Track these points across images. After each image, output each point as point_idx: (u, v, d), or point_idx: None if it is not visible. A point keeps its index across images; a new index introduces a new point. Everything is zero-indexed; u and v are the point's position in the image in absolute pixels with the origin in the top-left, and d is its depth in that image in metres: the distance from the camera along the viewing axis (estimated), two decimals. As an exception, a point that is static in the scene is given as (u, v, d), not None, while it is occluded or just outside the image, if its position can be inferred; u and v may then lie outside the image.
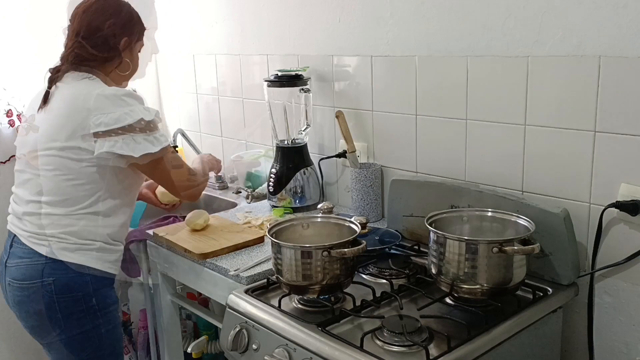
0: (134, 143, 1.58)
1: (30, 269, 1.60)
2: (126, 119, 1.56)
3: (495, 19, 1.56)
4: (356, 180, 1.92)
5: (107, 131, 1.56)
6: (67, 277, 1.60)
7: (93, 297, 1.63)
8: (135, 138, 1.58)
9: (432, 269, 1.38)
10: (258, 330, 1.37)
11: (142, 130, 1.59)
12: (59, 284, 1.59)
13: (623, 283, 1.43)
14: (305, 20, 2.11)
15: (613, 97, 1.37)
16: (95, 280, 1.64)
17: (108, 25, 1.66)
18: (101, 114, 1.56)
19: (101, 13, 1.66)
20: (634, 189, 1.36)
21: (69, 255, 1.61)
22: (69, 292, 1.60)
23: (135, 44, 1.74)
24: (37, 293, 1.59)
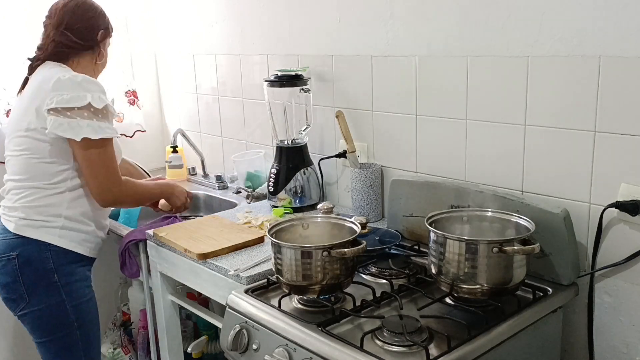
0: (78, 127, 1.65)
1: (1, 244, 1.74)
2: (76, 101, 1.65)
3: (495, 19, 1.56)
4: (356, 180, 1.92)
5: (57, 110, 1.65)
6: (29, 251, 1.71)
7: (55, 273, 1.73)
8: (80, 122, 1.65)
9: (432, 269, 1.38)
10: (258, 330, 1.37)
11: (89, 115, 1.66)
12: (22, 258, 1.71)
13: (623, 283, 1.43)
14: (305, 20, 2.11)
15: (613, 97, 1.37)
16: (56, 257, 1.73)
17: (88, 17, 1.82)
18: (56, 94, 1.65)
19: (81, 8, 1.81)
20: (634, 189, 1.36)
21: (30, 232, 1.72)
22: (30, 265, 1.71)
23: (107, 38, 1.90)
24: (5, 267, 1.72)
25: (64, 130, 1.65)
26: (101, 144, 1.70)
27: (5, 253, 1.73)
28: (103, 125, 1.69)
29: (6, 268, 1.73)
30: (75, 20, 1.80)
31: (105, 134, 1.69)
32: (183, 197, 2.03)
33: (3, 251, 1.73)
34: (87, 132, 1.66)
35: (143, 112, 2.86)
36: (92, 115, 1.67)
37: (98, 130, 1.67)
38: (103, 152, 1.71)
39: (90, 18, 1.83)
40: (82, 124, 1.66)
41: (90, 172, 1.72)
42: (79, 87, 1.68)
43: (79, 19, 1.81)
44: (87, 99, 1.66)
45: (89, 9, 1.84)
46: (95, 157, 1.70)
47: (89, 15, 1.83)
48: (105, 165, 1.72)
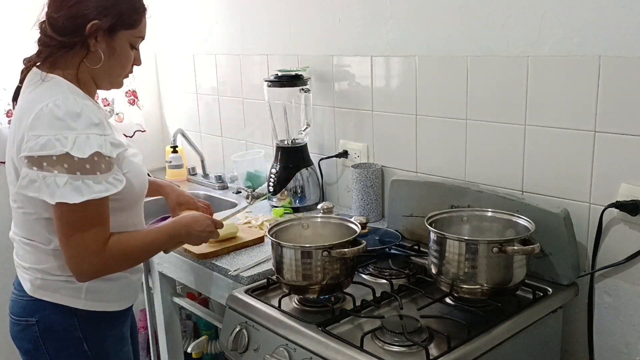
0: (54, 184, 1.21)
1: (18, 305, 1.41)
2: (53, 146, 1.20)
3: (495, 19, 1.56)
4: (356, 180, 1.92)
5: (31, 159, 1.22)
6: (50, 318, 1.37)
7: (84, 342, 1.39)
8: (58, 178, 1.21)
9: (432, 269, 1.38)
10: (258, 330, 1.37)
11: (70, 168, 1.21)
12: (43, 325, 1.37)
13: (623, 283, 1.43)
14: (305, 20, 2.11)
15: (613, 97, 1.37)
16: (84, 323, 1.39)
17: (73, 3, 1.28)
18: (32, 135, 1.22)
19: None
20: (634, 189, 1.36)
21: (49, 295, 1.37)
22: (53, 334, 1.38)
23: (113, 34, 1.33)
24: (24, 332, 1.39)
25: (36, 188, 1.21)
26: (84, 209, 1.23)
27: (23, 317, 1.38)
28: (90, 181, 1.22)
29: (26, 333, 1.39)
30: (56, 6, 1.30)
31: (92, 195, 1.22)
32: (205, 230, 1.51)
33: (20, 314, 1.39)
34: (62, 194, 1.20)
35: (143, 112, 2.86)
36: (74, 167, 1.21)
37: (81, 189, 1.21)
38: (87, 221, 1.25)
39: (76, 4, 1.28)
40: (59, 181, 1.20)
41: (66, 243, 1.26)
42: (58, 124, 1.22)
43: (62, 4, 1.29)
44: (65, 145, 1.20)
45: None
46: (75, 227, 1.24)
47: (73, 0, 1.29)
48: (88, 237, 1.26)
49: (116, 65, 1.38)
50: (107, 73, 1.37)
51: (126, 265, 1.39)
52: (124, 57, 1.38)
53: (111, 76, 1.40)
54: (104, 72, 1.36)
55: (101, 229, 1.28)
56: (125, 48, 1.38)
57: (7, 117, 2.45)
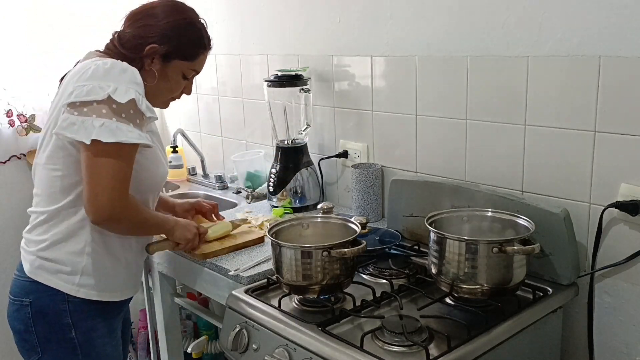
0: (91, 127, 1.30)
1: (16, 285, 1.48)
2: (96, 93, 1.30)
3: (495, 19, 1.56)
4: (356, 180, 1.92)
5: (73, 105, 1.32)
6: (43, 301, 1.43)
7: (72, 329, 1.44)
8: (95, 121, 1.30)
9: (432, 269, 1.38)
10: (258, 330, 1.37)
11: (108, 113, 1.31)
12: (35, 307, 1.43)
13: (623, 283, 1.43)
14: (305, 20, 2.11)
15: (613, 97, 1.37)
16: (75, 309, 1.44)
17: (142, 25, 1.45)
18: (78, 85, 1.33)
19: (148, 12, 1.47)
20: (634, 189, 1.36)
21: (45, 277, 1.43)
22: (44, 317, 1.43)
23: (168, 60, 1.47)
24: (19, 312, 1.45)
25: (74, 130, 1.31)
26: (115, 152, 1.32)
27: (19, 297, 1.45)
28: (123, 127, 1.32)
29: (19, 314, 1.45)
30: (130, 24, 1.47)
31: (124, 138, 1.31)
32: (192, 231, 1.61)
33: (17, 293, 1.46)
34: (98, 133, 1.29)
35: (143, 112, 2.86)
36: (111, 113, 1.31)
37: (115, 132, 1.31)
38: (113, 159, 1.32)
39: (145, 26, 1.44)
40: (96, 123, 1.30)
41: (90, 178, 1.33)
42: (105, 75, 1.33)
43: (134, 23, 1.46)
44: (107, 90, 1.31)
45: (154, 15, 1.45)
46: (102, 162, 1.32)
47: (145, 22, 1.45)
48: (112, 174, 1.33)
49: (164, 88, 1.52)
50: (154, 92, 1.48)
51: (135, 221, 1.44)
52: (174, 83, 1.53)
53: (157, 95, 1.51)
54: (152, 90, 1.46)
55: (126, 175, 1.36)
56: (177, 76, 1.52)
57: (7, 117, 2.45)
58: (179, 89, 1.56)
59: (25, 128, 2.50)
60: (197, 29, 1.53)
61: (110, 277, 1.48)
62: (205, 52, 1.55)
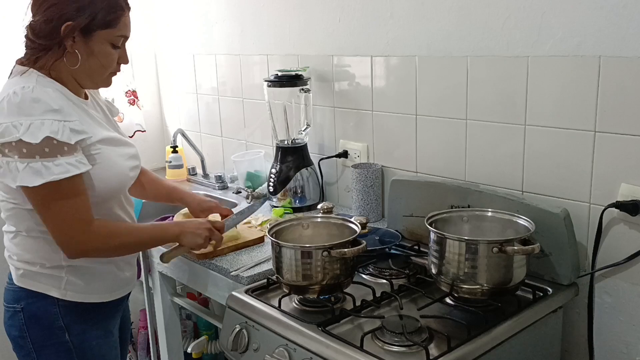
0: (15, 170, 1.26)
1: (8, 293, 1.46)
2: (10, 133, 1.24)
3: (495, 19, 1.56)
4: (356, 180, 1.92)
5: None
6: (34, 306, 1.42)
7: (66, 332, 1.42)
8: (18, 164, 1.25)
9: (432, 269, 1.38)
10: (258, 330, 1.37)
11: (27, 153, 1.25)
12: (27, 313, 1.42)
13: (623, 283, 1.43)
14: (305, 20, 2.11)
15: (613, 97, 1.37)
16: (66, 312, 1.42)
17: (49, 5, 1.32)
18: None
19: None
20: (634, 189, 1.36)
21: (32, 284, 1.41)
22: (37, 322, 1.42)
23: (89, 34, 1.34)
24: (13, 318, 1.44)
25: (2, 174, 1.29)
26: (55, 190, 1.27)
27: (11, 304, 1.44)
28: (50, 164, 1.25)
29: (14, 320, 1.44)
30: (35, 10, 1.35)
31: (52, 177, 1.25)
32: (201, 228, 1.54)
33: (9, 300, 1.45)
34: (23, 178, 1.24)
35: (143, 112, 2.86)
36: (32, 153, 1.24)
37: (41, 172, 1.25)
38: (53, 199, 1.28)
39: (50, 6, 1.31)
40: (19, 166, 1.25)
41: (46, 222, 1.32)
42: (15, 110, 1.25)
43: (40, 8, 1.33)
44: (19, 130, 1.23)
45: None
46: (44, 206, 1.29)
47: (50, 2, 1.32)
48: (67, 215, 1.30)
49: (96, 65, 1.39)
50: (87, 73, 1.39)
51: (113, 243, 1.39)
52: (104, 57, 1.39)
53: (92, 75, 1.41)
54: (83, 72, 1.38)
55: (78, 206, 1.31)
56: (105, 47, 1.38)
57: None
58: (112, 60, 1.41)
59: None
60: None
61: (96, 279, 1.45)
62: (125, 13, 1.40)
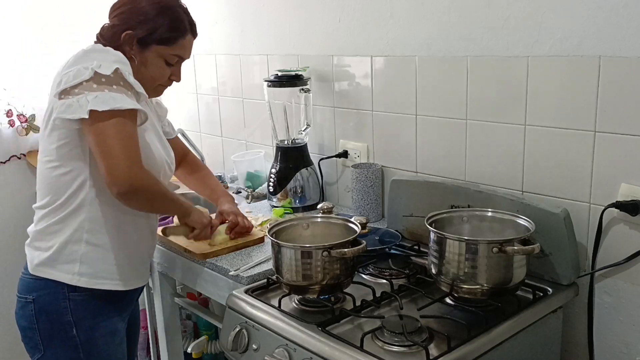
0: (85, 102, 1.31)
1: (22, 283, 1.48)
2: (82, 74, 1.32)
3: (495, 19, 1.56)
4: (356, 180, 1.92)
5: (65, 92, 1.33)
6: (45, 298, 1.43)
7: (74, 327, 1.43)
8: (88, 96, 1.31)
9: (432, 269, 1.38)
10: (258, 330, 1.37)
11: (98, 86, 1.32)
12: (38, 304, 1.43)
13: (623, 283, 1.43)
14: (305, 20, 2.11)
15: (613, 97, 1.37)
16: (76, 308, 1.43)
17: (120, 12, 1.46)
18: (64, 73, 1.35)
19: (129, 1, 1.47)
20: (634, 189, 1.36)
21: (46, 271, 1.43)
22: (47, 315, 1.43)
23: (144, 46, 1.46)
24: (23, 309, 1.46)
25: (72, 111, 1.31)
26: (116, 121, 1.31)
27: (23, 294, 1.46)
28: (117, 96, 1.32)
29: (24, 311, 1.46)
30: (111, 14, 1.48)
31: (117, 104, 1.31)
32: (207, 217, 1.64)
33: (22, 291, 1.47)
34: (93, 104, 1.30)
35: (143, 112, 2.86)
36: (102, 86, 1.32)
37: (109, 101, 1.30)
38: (117, 127, 1.32)
39: (121, 13, 1.45)
40: (89, 98, 1.30)
41: (100, 151, 1.33)
42: (85, 57, 1.37)
43: (113, 12, 1.48)
44: (91, 66, 1.32)
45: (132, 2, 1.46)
46: (107, 132, 1.31)
47: (122, 9, 1.46)
48: (121, 141, 1.32)
49: (146, 75, 1.48)
50: (140, 79, 1.43)
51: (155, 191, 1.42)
52: (155, 70, 1.49)
53: (143, 83, 1.45)
54: (137, 78, 1.42)
55: (134, 141, 1.36)
56: (158, 61, 1.49)
57: (7, 117, 2.45)
58: (164, 76, 1.52)
59: (25, 128, 2.51)
60: (175, 12, 1.49)
61: (110, 264, 1.46)
62: (185, 36, 1.51)
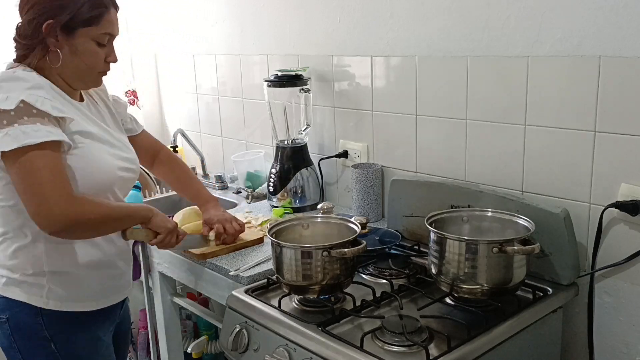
0: None
1: None
2: None
3: (495, 19, 1.56)
4: (356, 180, 1.92)
5: None
6: (18, 316, 1.37)
7: (51, 342, 1.38)
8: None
9: (432, 269, 1.38)
10: (258, 330, 1.37)
11: (8, 121, 1.22)
12: (13, 323, 1.37)
13: (623, 283, 1.43)
14: (305, 20, 2.11)
15: (613, 97, 1.37)
16: (50, 322, 1.37)
17: (31, 6, 1.32)
18: None
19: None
20: (634, 189, 1.36)
21: (15, 292, 1.37)
22: (23, 332, 1.38)
23: (71, 32, 1.33)
24: (1, 328, 1.39)
25: None
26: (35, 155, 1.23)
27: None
28: (28, 129, 1.22)
29: (2, 330, 1.40)
30: (20, 12, 1.36)
31: (28, 140, 1.21)
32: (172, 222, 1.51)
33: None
34: (2, 144, 1.22)
35: (143, 112, 2.86)
36: (10, 121, 1.22)
37: (19, 137, 1.21)
38: (35, 162, 1.23)
39: (32, 7, 1.32)
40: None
41: (22, 190, 1.25)
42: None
43: (23, 9, 1.34)
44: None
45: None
46: (25, 169, 1.23)
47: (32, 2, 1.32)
48: (42, 177, 1.23)
49: (81, 64, 1.36)
50: (74, 72, 1.37)
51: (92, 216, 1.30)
52: (89, 56, 1.37)
53: (79, 75, 1.38)
54: (69, 71, 1.35)
55: (60, 173, 1.26)
56: (89, 46, 1.36)
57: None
58: (100, 59, 1.39)
59: None
60: None
61: (80, 286, 1.41)
62: (109, 10, 1.37)
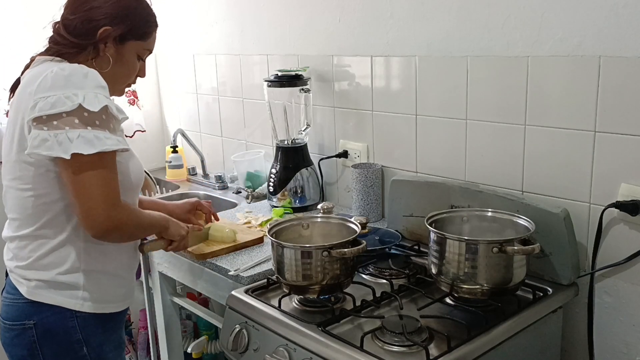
0: (67, 141, 1.21)
1: (13, 308, 1.37)
2: (64, 104, 1.21)
3: (495, 19, 1.56)
4: (356, 180, 1.92)
5: (40, 120, 1.22)
6: (49, 320, 1.34)
7: (84, 346, 1.37)
8: (70, 133, 1.22)
9: (432, 269, 1.38)
10: (258, 330, 1.37)
11: (81, 122, 1.22)
12: (41, 328, 1.34)
13: (623, 283, 1.43)
14: (305, 20, 2.11)
15: (613, 97, 1.37)
16: (85, 325, 1.37)
17: (88, 7, 1.35)
18: (40, 97, 1.23)
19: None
20: (634, 189, 1.36)
21: (47, 297, 1.34)
22: (52, 338, 1.35)
23: (122, 42, 1.38)
24: (20, 336, 1.35)
25: (49, 147, 1.22)
26: (98, 162, 1.24)
27: (19, 320, 1.35)
28: (101, 135, 1.24)
29: (21, 338, 1.35)
30: (73, 9, 1.36)
31: (105, 147, 1.24)
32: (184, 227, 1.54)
33: (16, 317, 1.35)
34: (77, 146, 1.21)
35: (143, 112, 2.86)
36: (85, 122, 1.22)
37: (94, 142, 1.22)
38: (98, 168, 1.25)
39: (90, 9, 1.34)
40: (71, 136, 1.21)
41: (77, 192, 1.25)
42: (66, 83, 1.23)
43: (78, 8, 1.35)
44: (77, 99, 1.22)
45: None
46: (87, 173, 1.24)
47: (90, 4, 1.34)
48: (101, 182, 1.25)
49: (121, 72, 1.42)
50: (112, 79, 1.38)
51: (134, 224, 1.36)
52: (130, 66, 1.43)
53: (115, 82, 1.41)
54: (109, 77, 1.35)
55: (114, 182, 1.29)
56: (133, 58, 1.43)
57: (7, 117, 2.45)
58: (135, 71, 1.46)
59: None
60: (146, 6, 1.44)
61: (109, 289, 1.42)
62: (156, 29, 1.47)
